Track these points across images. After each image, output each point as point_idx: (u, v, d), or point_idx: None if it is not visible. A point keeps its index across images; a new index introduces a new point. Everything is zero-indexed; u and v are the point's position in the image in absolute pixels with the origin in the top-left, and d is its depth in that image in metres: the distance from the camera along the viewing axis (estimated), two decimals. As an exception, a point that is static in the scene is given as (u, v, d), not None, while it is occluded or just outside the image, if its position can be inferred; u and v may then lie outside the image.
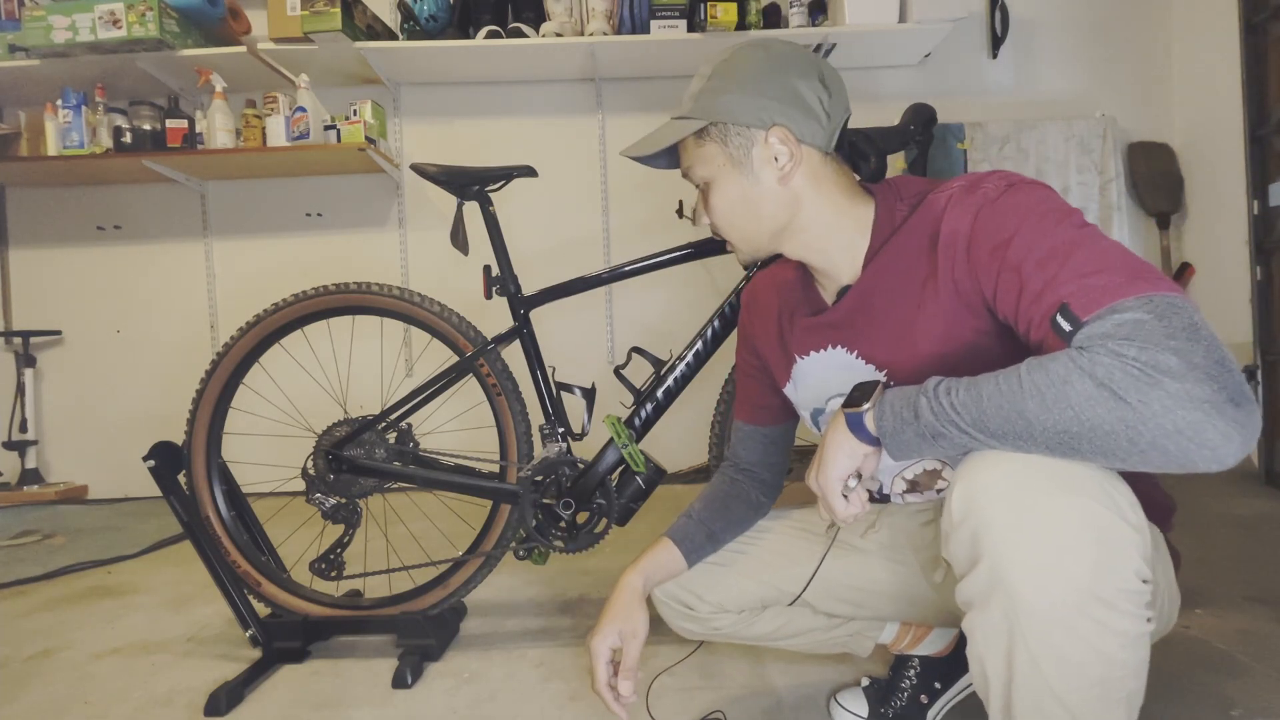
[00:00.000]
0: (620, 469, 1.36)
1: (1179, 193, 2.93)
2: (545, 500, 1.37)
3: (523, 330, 1.42)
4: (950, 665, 1.10)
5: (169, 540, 2.30)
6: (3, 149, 2.72)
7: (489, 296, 1.42)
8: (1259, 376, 2.45)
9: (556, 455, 1.38)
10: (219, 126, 2.59)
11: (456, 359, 1.40)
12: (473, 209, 1.42)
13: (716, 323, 1.35)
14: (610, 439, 1.34)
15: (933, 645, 1.11)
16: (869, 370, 0.88)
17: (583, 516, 1.37)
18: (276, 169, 2.87)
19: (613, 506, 1.34)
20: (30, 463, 2.95)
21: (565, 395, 1.41)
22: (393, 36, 2.80)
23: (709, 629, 1.03)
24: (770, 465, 1.10)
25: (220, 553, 1.40)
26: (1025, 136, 2.87)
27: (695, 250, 1.39)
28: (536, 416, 1.42)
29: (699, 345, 1.35)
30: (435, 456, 1.42)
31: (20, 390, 2.94)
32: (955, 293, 0.78)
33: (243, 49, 2.64)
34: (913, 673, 1.10)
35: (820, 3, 2.81)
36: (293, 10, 2.55)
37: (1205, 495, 2.35)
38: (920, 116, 1.36)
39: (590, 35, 2.70)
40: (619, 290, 3.02)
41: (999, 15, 2.96)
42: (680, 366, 1.36)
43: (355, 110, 2.64)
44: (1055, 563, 0.60)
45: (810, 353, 0.94)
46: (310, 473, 1.39)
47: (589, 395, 1.40)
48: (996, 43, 3.00)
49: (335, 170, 2.92)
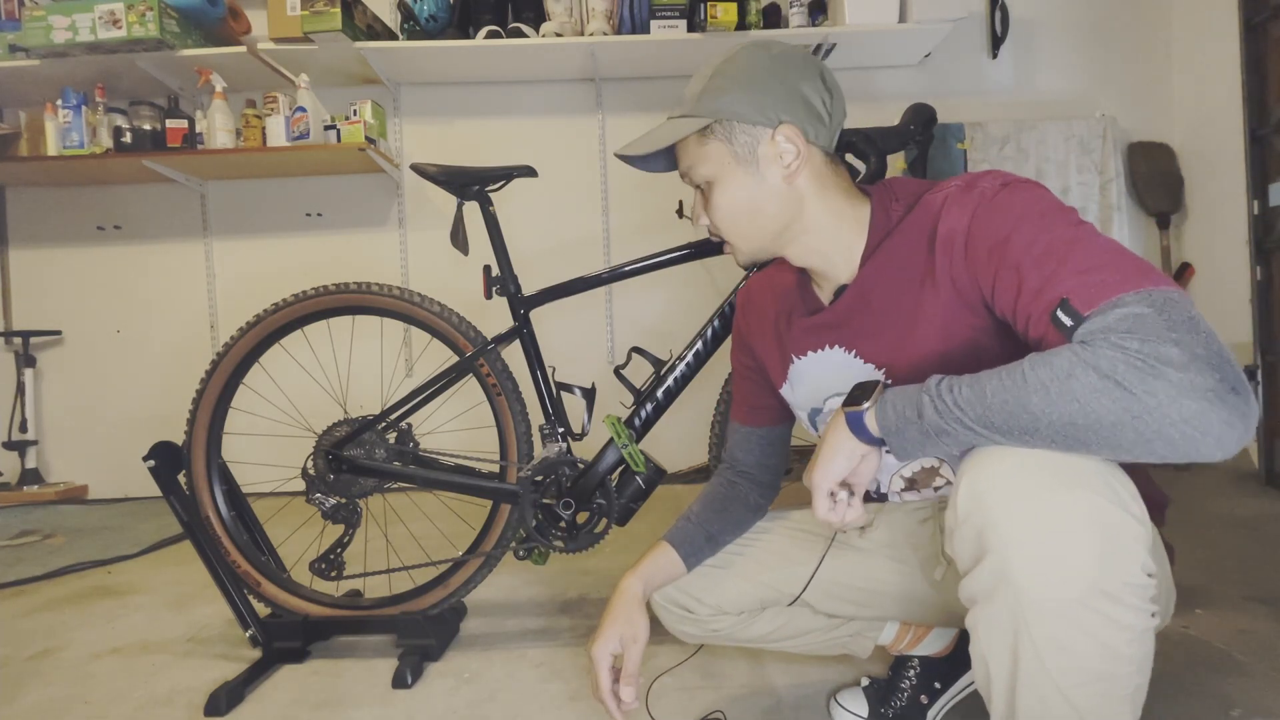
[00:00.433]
0: (620, 469, 1.36)
1: (1179, 193, 2.93)
2: (545, 500, 1.37)
3: (523, 330, 1.42)
4: (950, 665, 1.10)
5: (169, 540, 2.30)
6: (3, 149, 2.72)
7: (489, 296, 1.42)
8: (1259, 376, 2.45)
9: (556, 455, 1.38)
10: (219, 126, 2.60)
11: (456, 359, 1.40)
12: (473, 209, 1.42)
13: (716, 323, 1.35)
14: (610, 439, 1.34)
15: (932, 645, 1.11)
16: (867, 369, 0.88)
17: (583, 516, 1.37)
18: (276, 169, 2.87)
19: (613, 506, 1.34)
20: (30, 463, 2.95)
21: (565, 395, 1.41)
22: (393, 36, 2.80)
23: (708, 631, 1.03)
24: (768, 467, 1.09)
25: (220, 553, 1.40)
26: (1025, 136, 2.87)
27: (695, 250, 1.39)
28: (536, 416, 1.42)
29: (699, 345, 1.35)
30: (435, 456, 1.42)
31: (20, 390, 2.94)
32: (953, 290, 0.78)
33: (243, 49, 2.64)
34: (912, 673, 1.10)
35: (820, 3, 2.81)
36: (293, 10, 2.55)
37: (1205, 495, 2.35)
38: (920, 116, 1.36)
39: (590, 35, 2.70)
40: (619, 290, 3.02)
41: (999, 15, 2.96)
42: (680, 366, 1.36)
43: (355, 110, 2.64)
44: (1061, 557, 0.60)
45: (808, 353, 0.94)
46: (310, 473, 1.39)
47: (589, 395, 1.40)
48: (996, 43, 3.00)
49: (335, 170, 2.92)
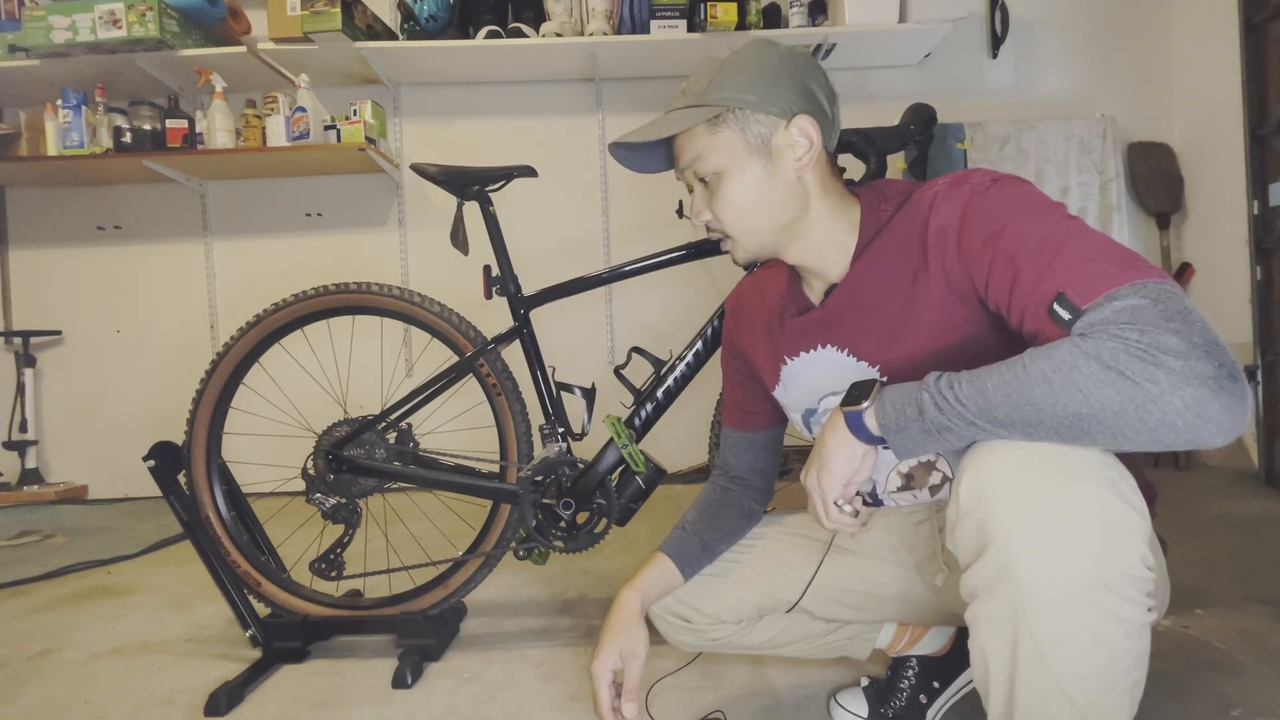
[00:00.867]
0: (620, 469, 1.36)
1: (1179, 193, 2.93)
2: (545, 500, 1.37)
3: (523, 330, 1.42)
4: (948, 664, 1.10)
5: (169, 540, 2.30)
6: (3, 149, 2.72)
7: (489, 296, 1.42)
8: (1259, 376, 2.45)
9: (556, 455, 1.38)
10: (219, 126, 2.60)
11: (456, 359, 1.40)
12: (473, 209, 1.42)
13: (716, 322, 1.35)
14: (610, 439, 1.34)
15: (930, 645, 1.11)
16: (861, 367, 0.87)
17: (583, 516, 1.37)
18: (276, 169, 2.87)
19: (613, 506, 1.34)
20: (30, 463, 2.95)
21: (565, 395, 1.41)
22: (393, 36, 2.80)
23: (707, 640, 1.03)
24: (761, 471, 1.09)
25: (220, 553, 1.40)
26: (1025, 136, 2.87)
27: (695, 250, 1.39)
28: (536, 416, 1.42)
29: (699, 345, 1.35)
30: (435, 456, 1.42)
31: (20, 390, 2.94)
32: (947, 285, 0.78)
33: (243, 49, 2.64)
34: (911, 673, 1.10)
35: (820, 3, 2.81)
36: (293, 10, 2.56)
37: (1205, 495, 2.35)
38: (920, 116, 1.35)
39: (590, 35, 2.70)
40: (619, 290, 3.02)
41: (999, 15, 2.96)
42: (680, 366, 1.36)
43: (355, 110, 2.64)
44: (1063, 550, 0.60)
45: (800, 353, 0.94)
46: (310, 473, 1.39)
47: (589, 395, 1.40)
48: (996, 43, 3.00)
49: (335, 170, 2.92)
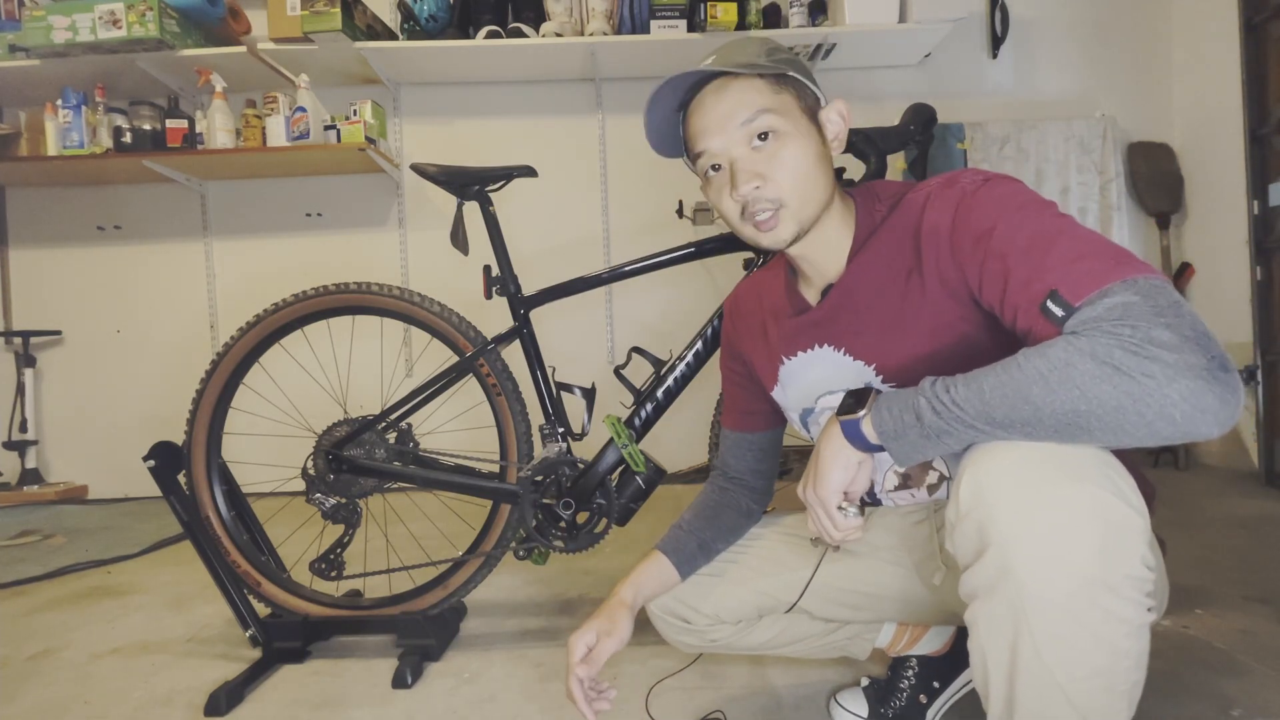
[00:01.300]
0: (620, 469, 1.36)
1: (1179, 193, 2.93)
2: (545, 500, 1.37)
3: (523, 330, 1.42)
4: (948, 664, 1.10)
5: (169, 540, 2.30)
6: (3, 149, 2.72)
7: (489, 296, 1.42)
8: (1259, 376, 2.45)
9: (556, 455, 1.38)
10: (219, 126, 2.60)
11: (456, 359, 1.40)
12: (473, 209, 1.42)
13: (716, 322, 1.35)
14: (610, 439, 1.34)
15: (930, 645, 1.11)
16: (858, 367, 0.88)
17: (583, 516, 1.37)
18: (276, 169, 2.87)
19: (613, 506, 1.34)
20: (30, 463, 2.95)
21: (565, 395, 1.41)
22: (393, 36, 2.80)
23: (706, 641, 1.03)
24: (760, 472, 1.09)
25: (220, 553, 1.40)
26: (1025, 136, 2.87)
27: (695, 250, 1.39)
28: (536, 416, 1.42)
29: (699, 345, 1.35)
30: (435, 456, 1.42)
31: (20, 390, 2.94)
32: (940, 284, 0.78)
33: (243, 49, 2.64)
34: (911, 673, 1.10)
35: (820, 3, 2.81)
36: (293, 10, 2.56)
37: (1205, 495, 2.35)
38: (920, 116, 1.35)
39: (590, 35, 2.70)
40: (619, 290, 3.02)
41: (999, 15, 2.96)
42: (680, 366, 1.36)
43: (355, 110, 2.64)
44: (1063, 550, 0.60)
45: (798, 353, 0.94)
46: (310, 473, 1.39)
47: (589, 395, 1.40)
48: (996, 43, 3.00)
49: (335, 170, 2.92)
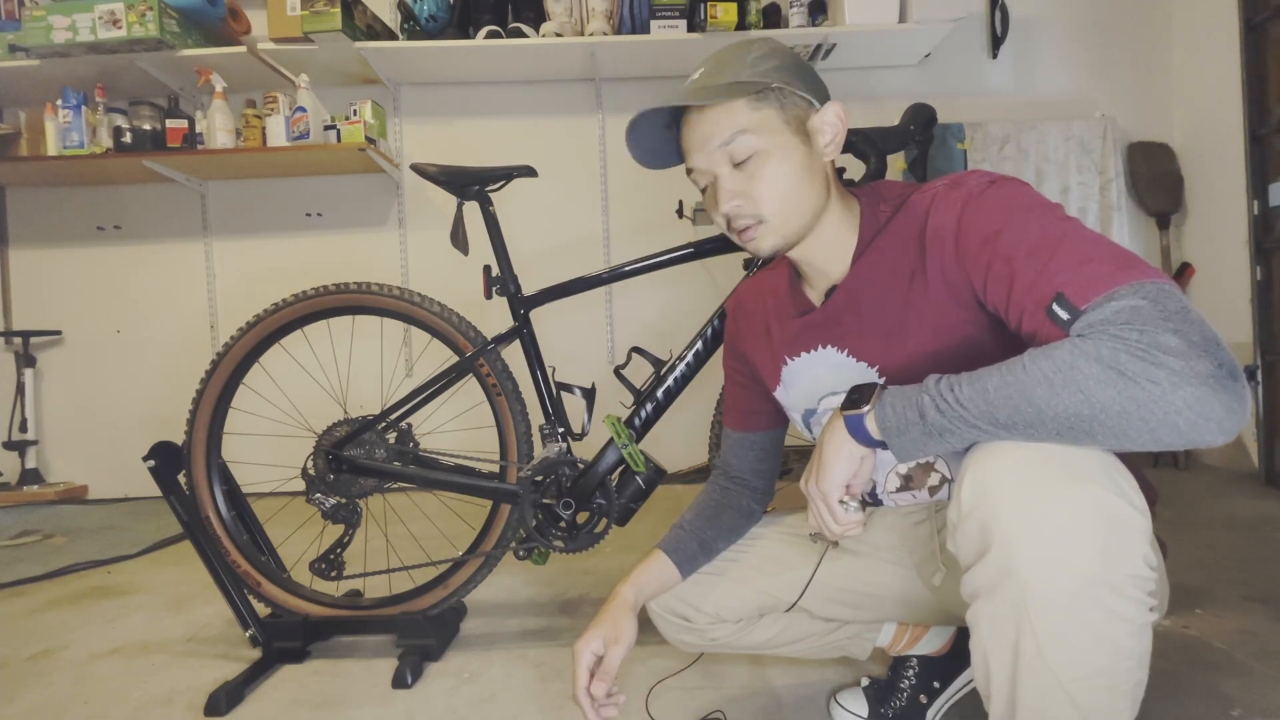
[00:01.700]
0: (620, 469, 1.36)
1: (1179, 193, 2.93)
2: (545, 500, 1.37)
3: (523, 330, 1.42)
4: (948, 664, 1.10)
5: (169, 540, 2.30)
6: (3, 149, 2.72)
7: (489, 296, 1.42)
8: (1259, 376, 2.45)
9: (556, 455, 1.38)
10: (219, 126, 2.60)
11: (456, 359, 1.40)
12: (473, 209, 1.42)
13: (716, 323, 1.35)
14: (610, 439, 1.34)
15: (930, 644, 1.11)
16: (860, 367, 0.88)
17: (583, 516, 1.37)
18: (276, 169, 2.87)
19: (613, 506, 1.34)
20: (30, 463, 2.95)
21: (565, 395, 1.41)
22: (393, 36, 2.80)
23: (706, 640, 1.03)
24: (761, 472, 1.09)
25: (220, 553, 1.40)
26: (1025, 136, 2.86)
27: (695, 250, 1.39)
28: (536, 416, 1.42)
29: (699, 345, 1.35)
30: (435, 456, 1.42)
31: (20, 390, 2.94)
32: (944, 285, 0.78)
33: (243, 49, 2.64)
34: (911, 672, 1.10)
35: (820, 3, 2.81)
36: (293, 10, 2.56)
37: (1205, 495, 2.35)
38: (920, 116, 1.35)
39: (590, 35, 2.70)
40: (619, 290, 3.02)
41: (999, 15, 2.96)
42: (680, 366, 1.36)
43: (355, 110, 2.64)
44: (1065, 549, 0.60)
45: (801, 353, 0.94)
46: (310, 473, 1.39)
47: (589, 395, 1.40)
48: (996, 43, 3.00)
49: (335, 170, 2.92)
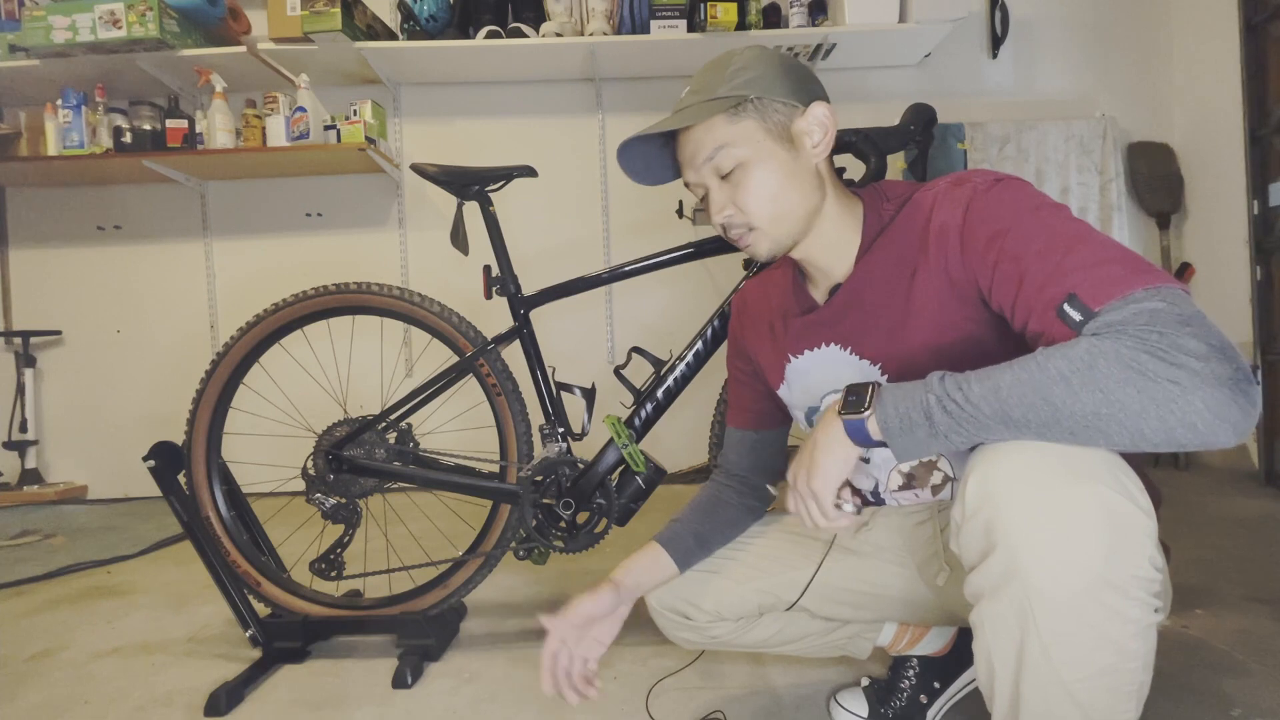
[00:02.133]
0: (620, 469, 1.36)
1: (1179, 193, 2.93)
2: (545, 500, 1.37)
3: (523, 330, 1.42)
4: (949, 664, 1.10)
5: (169, 540, 2.30)
6: (3, 149, 2.72)
7: (489, 296, 1.42)
8: (1259, 376, 2.45)
9: (556, 455, 1.38)
10: (219, 126, 2.60)
11: (456, 359, 1.40)
12: (473, 209, 1.42)
13: (716, 322, 1.35)
14: (610, 439, 1.34)
15: (931, 645, 1.11)
16: (864, 365, 0.88)
17: (583, 516, 1.37)
18: (276, 169, 2.87)
19: (613, 506, 1.34)
20: (30, 463, 2.95)
21: (565, 395, 1.41)
22: (393, 36, 2.80)
23: (707, 638, 1.03)
24: (763, 470, 1.09)
25: (220, 553, 1.40)
26: (1025, 136, 2.86)
27: (695, 250, 1.39)
28: (536, 416, 1.42)
29: (699, 345, 1.35)
30: (435, 456, 1.42)
31: (20, 390, 2.94)
32: (948, 283, 0.78)
33: (243, 49, 2.64)
34: (912, 673, 1.10)
35: (820, 3, 2.81)
36: (293, 10, 2.56)
37: (1205, 495, 2.35)
38: (920, 116, 1.35)
39: (590, 35, 2.70)
40: (619, 290, 3.02)
41: (999, 15, 2.96)
42: (680, 366, 1.36)
43: (355, 110, 2.64)
44: (1071, 550, 0.60)
45: (805, 351, 0.95)
46: (310, 473, 1.39)
47: (589, 395, 1.40)
48: (996, 43, 3.00)
49: (335, 170, 2.92)
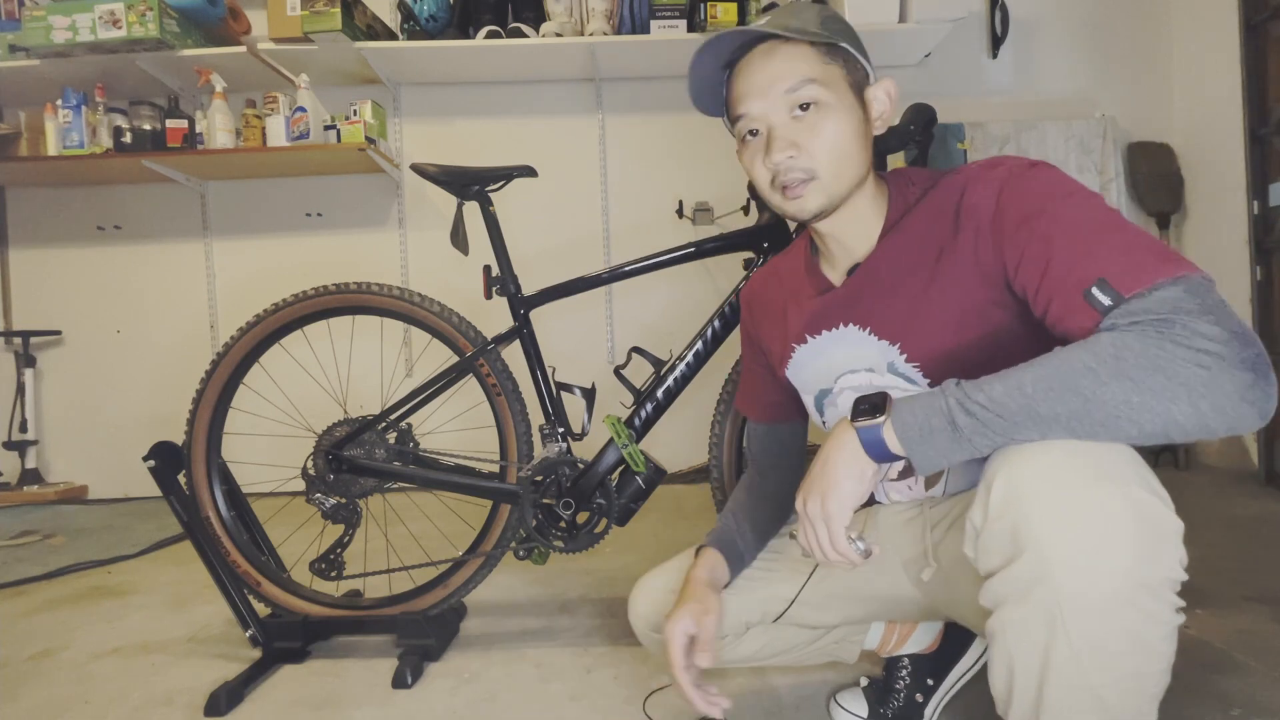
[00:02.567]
0: (620, 469, 1.36)
1: (1179, 193, 2.93)
2: (545, 500, 1.37)
3: (523, 330, 1.42)
4: (939, 660, 1.10)
5: (169, 540, 2.30)
6: (3, 149, 2.72)
7: (489, 296, 1.42)
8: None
9: (556, 455, 1.38)
10: (219, 126, 2.60)
11: (456, 359, 1.40)
12: (473, 209, 1.42)
13: (717, 323, 1.35)
14: (610, 439, 1.34)
15: (919, 642, 1.11)
16: (882, 346, 0.87)
17: (583, 516, 1.37)
18: (276, 169, 2.87)
19: (613, 506, 1.34)
20: (30, 463, 2.95)
21: (565, 395, 1.41)
22: (393, 36, 2.80)
23: None
24: (792, 463, 1.10)
25: (220, 553, 1.40)
26: (1025, 136, 2.86)
27: (695, 250, 1.39)
28: (536, 416, 1.42)
29: (699, 345, 1.35)
30: (435, 456, 1.42)
31: (20, 390, 2.94)
32: (975, 264, 0.78)
33: (243, 49, 2.64)
34: (905, 673, 1.10)
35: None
36: (293, 10, 2.56)
37: (1205, 495, 2.35)
38: (920, 116, 1.36)
39: (590, 35, 2.70)
40: (619, 290, 3.01)
41: (999, 15, 2.96)
42: (680, 366, 1.36)
43: (355, 110, 2.64)
44: (1102, 552, 0.59)
45: (821, 332, 0.93)
46: (310, 473, 1.39)
47: (589, 395, 1.40)
48: (996, 43, 3.00)
49: (335, 170, 2.92)
